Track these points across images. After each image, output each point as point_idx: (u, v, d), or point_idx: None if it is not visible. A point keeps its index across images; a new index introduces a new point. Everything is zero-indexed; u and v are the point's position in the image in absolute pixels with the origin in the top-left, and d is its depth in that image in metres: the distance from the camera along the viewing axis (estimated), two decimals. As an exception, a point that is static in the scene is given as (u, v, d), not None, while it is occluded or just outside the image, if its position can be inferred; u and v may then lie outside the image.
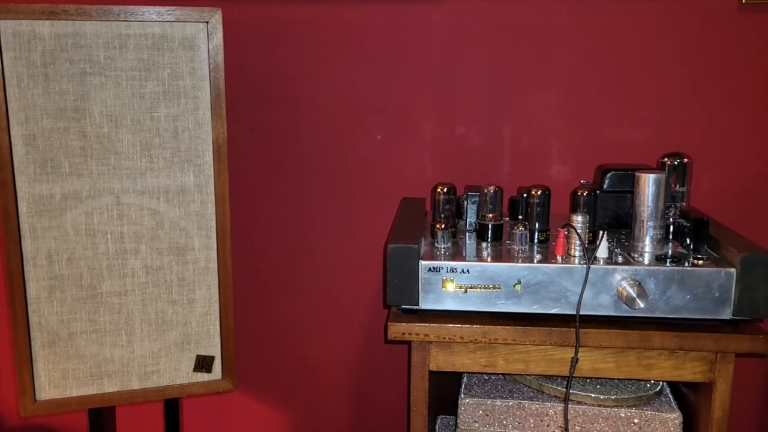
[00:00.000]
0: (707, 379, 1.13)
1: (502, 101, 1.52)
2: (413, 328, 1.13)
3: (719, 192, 1.49)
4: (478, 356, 1.16)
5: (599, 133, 1.51)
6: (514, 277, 1.11)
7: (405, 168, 1.55)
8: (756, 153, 1.48)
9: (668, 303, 1.09)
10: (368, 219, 1.57)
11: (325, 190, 1.57)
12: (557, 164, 1.53)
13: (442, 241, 1.17)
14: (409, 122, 1.54)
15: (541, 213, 1.23)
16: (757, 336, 1.08)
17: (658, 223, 1.16)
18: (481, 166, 1.54)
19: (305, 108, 1.55)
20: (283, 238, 1.60)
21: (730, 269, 1.08)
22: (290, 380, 1.67)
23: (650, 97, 1.49)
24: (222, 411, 1.70)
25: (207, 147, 1.26)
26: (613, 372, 1.15)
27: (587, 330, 1.10)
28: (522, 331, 1.12)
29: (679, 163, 1.24)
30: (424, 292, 1.13)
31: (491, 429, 1.26)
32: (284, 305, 1.64)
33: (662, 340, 1.10)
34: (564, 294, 1.11)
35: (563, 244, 1.13)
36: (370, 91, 1.53)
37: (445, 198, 1.25)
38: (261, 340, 1.65)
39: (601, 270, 1.10)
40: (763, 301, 1.07)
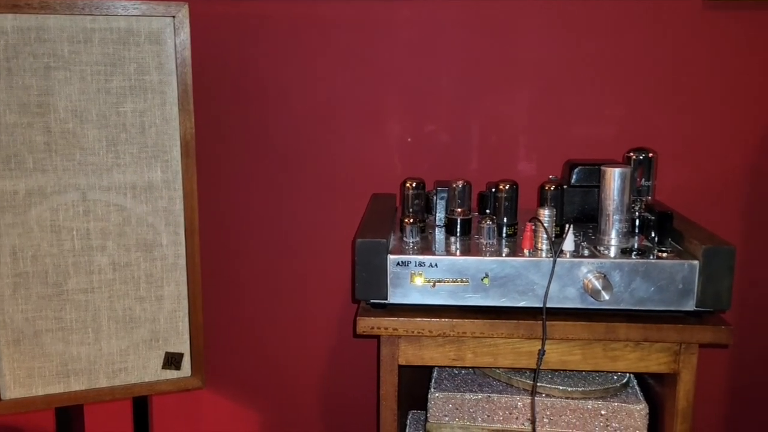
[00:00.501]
0: (672, 370, 1.14)
1: (471, 98, 1.53)
2: (382, 322, 1.14)
3: (684, 186, 1.51)
4: (446, 350, 1.17)
5: (567, 129, 1.53)
6: (481, 271, 1.12)
7: (375, 164, 1.55)
8: (718, 148, 1.50)
9: (633, 295, 1.11)
10: (338, 214, 1.57)
11: (295, 185, 1.57)
12: (525, 161, 1.54)
13: (410, 235, 1.17)
14: (379, 119, 1.54)
15: (509, 207, 1.23)
16: (719, 327, 1.10)
17: (624, 216, 1.17)
18: (451, 163, 1.54)
19: (275, 104, 1.54)
20: (252, 234, 1.60)
21: (693, 261, 1.09)
22: (261, 376, 1.67)
23: (616, 94, 1.50)
24: (192, 408, 1.68)
25: (174, 142, 1.25)
26: (580, 364, 1.16)
27: (554, 322, 1.11)
28: (490, 325, 1.13)
29: (644, 158, 1.26)
30: (392, 286, 1.13)
31: (461, 422, 1.26)
32: (254, 301, 1.63)
33: (627, 332, 1.11)
34: (531, 287, 1.12)
35: (530, 237, 1.14)
36: (340, 88, 1.53)
37: (413, 193, 1.25)
38: (231, 337, 1.65)
39: (568, 263, 1.11)
40: (726, 293, 1.09)
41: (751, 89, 1.48)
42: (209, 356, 1.60)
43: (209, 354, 1.59)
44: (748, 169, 1.51)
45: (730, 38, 1.46)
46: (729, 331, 1.10)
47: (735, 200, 1.52)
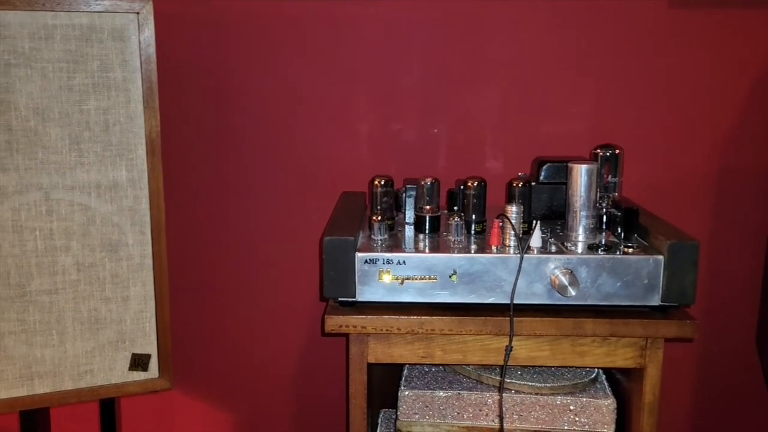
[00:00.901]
0: (638, 364, 1.15)
1: (440, 96, 1.53)
2: (350, 320, 1.13)
3: (651, 183, 1.53)
4: (415, 347, 1.17)
5: (536, 127, 1.53)
6: (449, 268, 1.12)
7: (345, 162, 1.55)
8: (683, 145, 1.52)
9: (600, 290, 1.11)
10: (307, 213, 1.56)
11: (264, 183, 1.56)
12: (495, 158, 1.55)
13: (378, 233, 1.17)
14: (348, 116, 1.54)
15: (478, 204, 1.24)
16: (684, 321, 1.11)
17: (591, 212, 1.18)
18: (420, 161, 1.54)
19: (242, 102, 1.53)
20: (220, 233, 1.58)
21: (658, 256, 1.10)
22: (230, 376, 1.65)
23: (584, 91, 1.51)
24: (162, 410, 1.66)
25: (140, 141, 1.23)
26: (548, 360, 1.16)
27: (522, 319, 1.11)
28: (458, 321, 1.13)
29: (611, 154, 1.27)
30: (360, 284, 1.13)
31: (431, 420, 1.26)
32: (223, 301, 1.62)
33: (594, 327, 1.12)
34: (499, 283, 1.12)
35: (498, 234, 1.14)
36: (308, 85, 1.52)
37: (382, 190, 1.25)
38: (199, 337, 1.63)
39: (535, 259, 1.11)
40: (690, 287, 1.10)
41: (715, 87, 1.50)
42: (178, 357, 1.58)
43: (178, 355, 1.57)
44: (714, 165, 1.53)
45: (696, 37, 1.48)
46: (694, 325, 1.11)
47: (701, 197, 1.54)
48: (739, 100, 1.50)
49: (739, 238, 1.54)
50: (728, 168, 1.52)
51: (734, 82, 1.49)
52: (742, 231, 1.54)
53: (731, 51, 1.48)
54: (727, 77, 1.49)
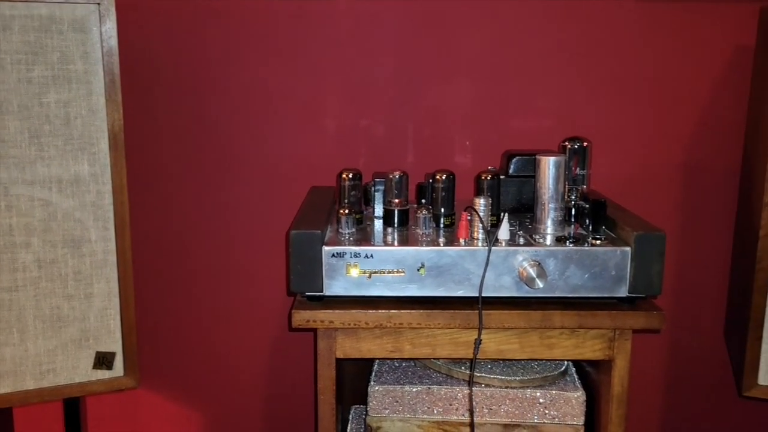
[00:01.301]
0: (606, 356, 1.15)
1: (409, 90, 1.52)
2: (318, 315, 1.12)
3: (619, 176, 1.53)
4: (384, 342, 1.16)
5: (505, 122, 1.53)
6: (417, 261, 1.11)
7: (314, 157, 1.53)
8: (652, 139, 1.53)
9: (567, 282, 1.11)
10: (276, 208, 1.54)
11: (231, 179, 1.54)
12: (465, 153, 1.54)
13: (346, 226, 1.16)
14: (316, 111, 1.52)
15: (446, 197, 1.23)
16: (651, 312, 1.11)
17: (559, 205, 1.18)
18: (390, 155, 1.54)
19: (209, 95, 1.51)
20: (187, 228, 1.56)
21: (625, 248, 1.10)
22: (199, 373, 1.63)
23: (553, 86, 1.52)
24: (129, 408, 1.64)
25: (102, 134, 1.21)
26: (518, 353, 1.16)
27: (490, 312, 1.11)
28: (427, 315, 1.12)
29: (579, 147, 1.27)
30: (328, 278, 1.11)
31: (401, 415, 1.25)
32: (190, 297, 1.59)
33: (562, 319, 1.12)
34: (467, 276, 1.11)
35: (466, 227, 1.14)
36: (276, 80, 1.51)
37: (350, 184, 1.23)
38: (167, 334, 1.60)
39: (503, 252, 1.11)
40: (657, 278, 1.10)
41: (682, 81, 1.50)
42: (144, 355, 1.55)
43: (144, 353, 1.55)
44: (681, 158, 1.54)
45: (663, 31, 1.49)
46: (660, 316, 1.11)
47: (668, 190, 1.55)
48: (706, 93, 1.51)
49: (707, 230, 1.56)
50: (695, 161, 1.53)
51: (701, 76, 1.50)
52: (710, 223, 1.55)
53: (698, 44, 1.49)
54: (695, 71, 1.50)
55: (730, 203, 1.53)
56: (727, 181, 1.53)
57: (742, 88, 1.48)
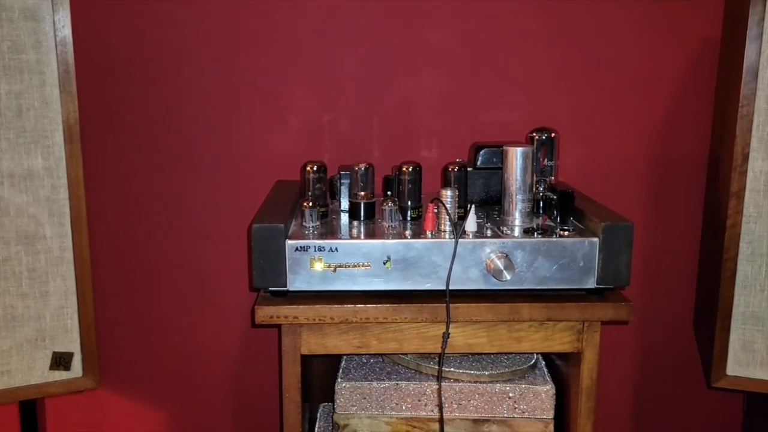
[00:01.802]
0: (575, 348, 1.14)
1: (376, 83, 1.50)
2: (281, 310, 1.09)
3: (587, 168, 1.52)
4: (350, 337, 1.13)
5: (473, 116, 1.51)
6: (383, 254, 1.09)
7: (279, 151, 1.50)
8: (618, 130, 1.52)
9: (535, 274, 1.10)
10: (240, 202, 1.51)
11: (193, 173, 1.50)
12: (432, 147, 1.52)
13: (310, 219, 1.13)
14: (281, 104, 1.49)
15: (413, 190, 1.21)
16: (620, 303, 1.10)
17: (527, 196, 1.17)
18: (358, 148, 1.51)
19: (171, 87, 1.47)
20: (148, 223, 1.52)
21: (593, 239, 1.09)
22: (162, 373, 1.59)
23: (521, 79, 1.50)
24: (91, 410, 1.59)
25: (56, 127, 1.17)
26: (486, 346, 1.14)
27: (458, 305, 1.09)
28: (393, 309, 1.09)
29: (547, 138, 1.26)
30: (291, 273, 1.08)
31: (369, 412, 1.23)
32: (151, 294, 1.55)
33: (531, 312, 1.10)
34: (434, 269, 1.09)
35: (432, 219, 1.12)
36: (240, 71, 1.47)
37: (314, 176, 1.21)
38: (128, 333, 1.56)
39: (470, 244, 1.09)
40: (625, 269, 1.09)
41: (650, 73, 1.50)
42: (105, 355, 1.51)
43: (104, 352, 1.51)
44: (649, 150, 1.53)
45: (630, 23, 1.48)
46: (629, 307, 1.10)
47: (637, 181, 1.54)
48: (674, 85, 1.51)
49: (675, 221, 1.56)
50: (663, 152, 1.53)
51: (669, 68, 1.50)
52: (678, 214, 1.55)
53: (665, 36, 1.49)
54: (662, 62, 1.50)
55: (698, 194, 1.53)
56: (694, 172, 1.53)
57: (709, 79, 1.48)
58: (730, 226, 1.24)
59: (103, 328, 1.50)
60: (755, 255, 1.23)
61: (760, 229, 1.22)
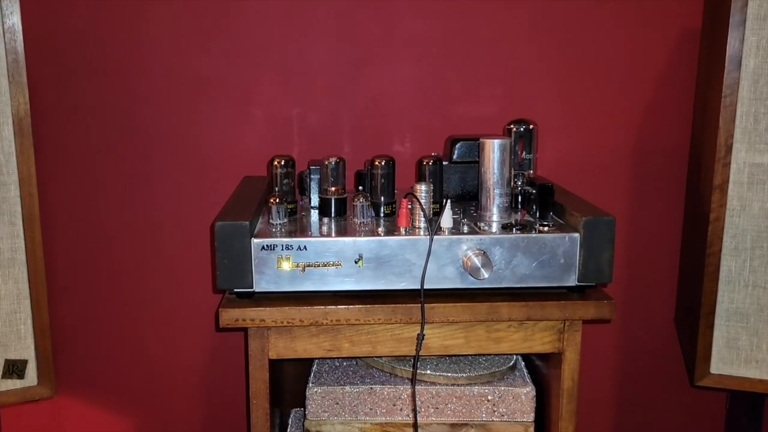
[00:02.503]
0: (556, 348, 1.10)
1: (347, 76, 1.44)
2: (247, 313, 1.03)
3: (565, 161, 1.48)
4: (321, 340, 1.07)
5: (448, 109, 1.46)
6: (355, 252, 1.03)
7: (247, 146, 1.44)
8: (597, 122, 1.48)
9: (515, 272, 1.05)
10: (206, 200, 1.44)
11: (156, 169, 1.43)
12: (406, 142, 1.47)
13: (277, 216, 1.07)
14: (249, 97, 1.43)
15: (386, 185, 1.15)
16: (602, 301, 1.06)
17: (505, 190, 1.12)
18: (329, 143, 1.45)
19: (132, 79, 1.40)
20: (108, 222, 1.44)
21: (574, 234, 1.05)
22: (124, 378, 1.52)
23: (498, 71, 1.45)
24: (49, 419, 1.51)
25: (6, 120, 1.10)
26: (463, 348, 1.09)
27: (434, 305, 1.04)
28: (366, 310, 1.04)
29: (525, 130, 1.21)
30: (258, 273, 1.03)
31: (342, 418, 1.17)
32: (111, 297, 1.48)
33: (510, 311, 1.05)
34: (409, 268, 1.04)
35: (406, 215, 1.06)
36: (206, 64, 1.41)
37: (282, 171, 1.15)
38: (86, 338, 1.48)
39: (446, 241, 1.04)
40: (607, 265, 1.05)
41: (629, 64, 1.46)
42: (61, 361, 1.44)
43: (61, 358, 1.44)
44: (629, 144, 1.49)
45: (609, 14, 1.44)
46: (611, 305, 1.06)
47: (616, 174, 1.50)
48: (654, 76, 1.47)
49: (656, 216, 1.52)
50: (643, 145, 1.49)
51: (649, 59, 1.46)
52: (659, 209, 1.52)
53: (645, 27, 1.44)
54: (642, 53, 1.46)
55: (679, 188, 1.49)
56: (675, 165, 1.49)
57: (690, 71, 1.45)
58: (713, 219, 1.20)
59: (60, 333, 1.42)
60: (739, 249, 1.20)
61: (744, 223, 1.19)
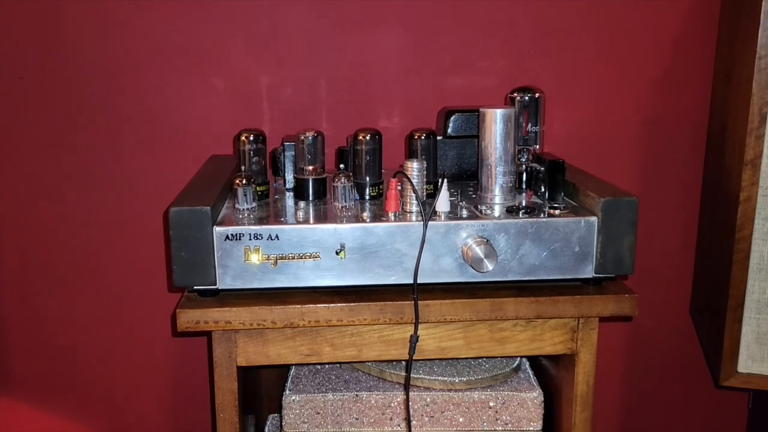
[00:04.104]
0: (569, 349, 0.95)
1: (328, 42, 1.28)
2: (211, 314, 0.88)
3: (567, 136, 1.33)
4: (297, 344, 0.93)
5: (441, 79, 1.31)
6: (336, 242, 0.88)
7: (214, 121, 1.28)
8: (607, 93, 1.33)
9: (522, 263, 0.90)
10: (166, 183, 1.27)
11: (106, 146, 1.27)
12: (395, 116, 1.32)
13: (244, 200, 0.92)
14: (217, 66, 1.27)
15: (372, 162, 1.00)
16: (622, 295, 0.92)
17: (509, 168, 0.97)
18: (307, 118, 1.29)
19: (79, 47, 1.23)
20: (49, 211, 1.29)
21: (591, 218, 0.90)
22: (73, 386, 1.36)
23: (500, 37, 1.30)
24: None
25: None
26: (462, 350, 0.95)
27: (428, 302, 0.89)
28: (349, 309, 0.89)
29: (531, 98, 1.06)
30: (222, 267, 0.87)
31: (324, 429, 1.03)
32: (60, 295, 1.32)
33: (517, 308, 0.91)
34: (399, 259, 0.89)
35: (395, 197, 0.91)
36: (165, 28, 1.24)
37: (251, 148, 0.99)
38: (29, 340, 1.32)
39: (442, 227, 0.89)
40: (628, 253, 0.91)
41: (642, 28, 1.31)
42: (3, 365, 1.28)
43: (3, 363, 1.28)
44: (641, 114, 1.34)
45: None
46: (633, 300, 0.92)
47: (627, 149, 1.36)
48: (669, 39, 1.32)
49: (670, 196, 1.37)
50: (656, 116, 1.35)
51: (665, 20, 1.31)
52: (673, 187, 1.37)
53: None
54: (657, 15, 1.30)
55: (696, 164, 1.35)
56: (692, 138, 1.35)
57: (709, 33, 1.30)
58: (743, 200, 1.06)
59: (1, 336, 1.26)
60: (772, 233, 1.06)
61: (779, 203, 1.05)
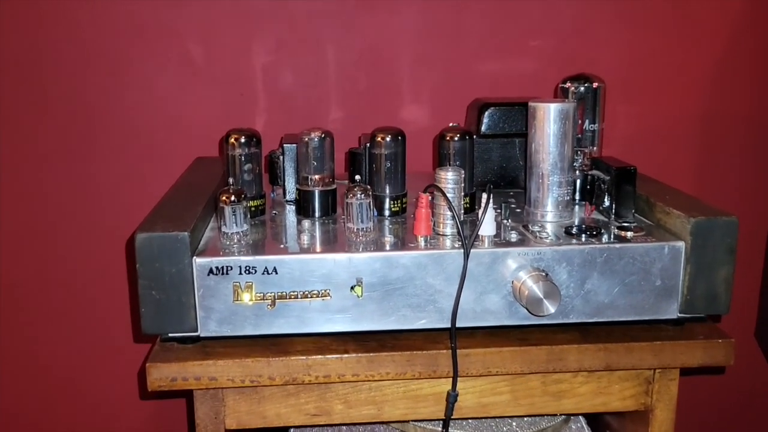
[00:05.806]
0: (641, 405, 0.77)
1: (337, 21, 1.08)
2: (191, 369, 0.68)
3: (635, 136, 1.13)
4: (302, 401, 0.73)
5: (472, 66, 1.12)
6: (350, 276, 0.68)
7: (199, 116, 1.08)
8: (679, 86, 1.13)
9: (588, 301, 0.71)
10: (140, 195, 1.07)
11: (76, 149, 1.08)
12: (415, 108, 1.12)
13: (232, 222, 0.72)
14: (206, 50, 1.07)
15: (394, 170, 0.81)
16: (714, 341, 0.72)
17: (566, 177, 0.78)
18: (311, 112, 1.10)
19: (45, 28, 1.03)
20: (20, 222, 1.09)
21: (677, 243, 0.71)
22: None
23: (542, 16, 1.09)
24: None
25: None
26: (509, 406, 0.76)
27: (469, 350, 0.70)
28: (368, 361, 0.70)
29: (588, 89, 0.86)
30: (204, 309, 0.68)
31: (334, 498, 0.84)
32: (27, 334, 1.12)
33: (581, 358, 0.71)
34: (431, 297, 0.69)
35: (426, 217, 0.71)
36: (145, 7, 1.04)
37: (242, 153, 0.79)
38: None
39: (487, 255, 0.69)
40: (724, 289, 0.72)
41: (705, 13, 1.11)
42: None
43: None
44: (699, 109, 1.15)
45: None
46: (728, 345, 0.73)
47: (684, 147, 1.16)
48: (727, 27, 1.12)
49: (733, 203, 1.18)
50: (715, 111, 1.15)
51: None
52: (738, 193, 1.18)
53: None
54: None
55: (765, 167, 1.15)
56: (758, 136, 1.15)
57: None
58: None
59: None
60: None
61: None
